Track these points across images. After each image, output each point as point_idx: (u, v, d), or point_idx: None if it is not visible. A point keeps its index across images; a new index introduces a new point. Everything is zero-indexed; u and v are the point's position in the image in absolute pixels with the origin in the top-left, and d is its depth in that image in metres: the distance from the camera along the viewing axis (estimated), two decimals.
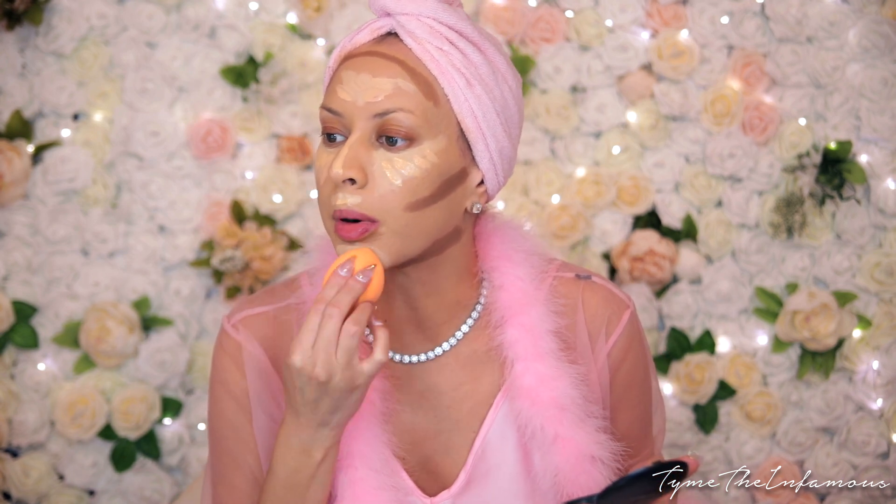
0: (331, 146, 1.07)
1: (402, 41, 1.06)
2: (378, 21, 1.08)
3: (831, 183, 2.08)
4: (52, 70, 2.04)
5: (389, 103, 1.03)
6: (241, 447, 1.14)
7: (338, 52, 1.10)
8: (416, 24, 1.05)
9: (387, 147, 1.04)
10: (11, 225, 2.04)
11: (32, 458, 2.03)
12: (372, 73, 1.04)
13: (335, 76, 1.08)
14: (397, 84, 1.04)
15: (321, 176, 1.07)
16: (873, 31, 2.05)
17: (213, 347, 1.18)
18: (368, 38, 1.08)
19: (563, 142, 2.12)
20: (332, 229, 1.06)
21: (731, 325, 2.12)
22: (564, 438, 1.11)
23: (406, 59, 1.05)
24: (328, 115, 1.07)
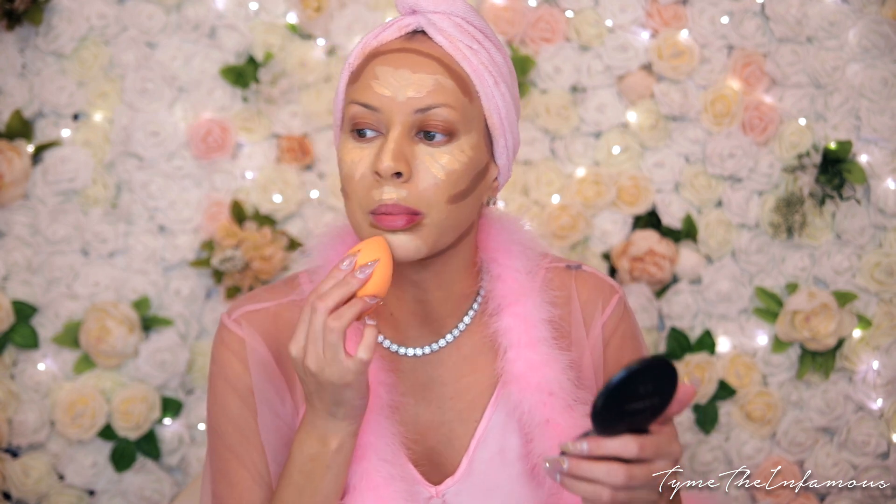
0: (363, 142, 1.07)
1: (431, 39, 1.09)
2: (405, 18, 1.10)
3: (831, 183, 2.08)
4: (52, 70, 2.04)
5: (431, 99, 1.05)
6: (244, 443, 1.14)
7: (360, 49, 1.11)
8: (447, 22, 1.08)
9: (426, 142, 1.06)
10: (11, 225, 2.04)
11: (32, 458, 2.03)
12: (411, 69, 1.06)
13: (366, 72, 1.08)
14: (437, 80, 1.06)
15: (354, 171, 1.07)
16: (873, 31, 2.05)
17: (213, 344, 1.18)
18: (396, 36, 1.10)
19: (563, 142, 2.12)
20: (367, 223, 1.07)
21: (731, 325, 2.12)
22: (553, 423, 1.14)
23: (442, 56, 1.08)
24: (362, 110, 1.07)
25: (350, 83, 1.10)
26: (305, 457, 1.07)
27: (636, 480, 0.95)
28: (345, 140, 1.09)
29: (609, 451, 0.94)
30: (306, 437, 1.07)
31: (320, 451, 1.06)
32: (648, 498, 0.98)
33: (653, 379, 0.94)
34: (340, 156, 1.09)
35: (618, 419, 0.95)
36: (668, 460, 0.97)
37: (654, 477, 0.96)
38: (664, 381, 0.95)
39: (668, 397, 0.96)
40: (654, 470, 0.96)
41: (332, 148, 2.10)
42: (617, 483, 0.94)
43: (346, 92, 1.11)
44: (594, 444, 0.95)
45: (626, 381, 0.92)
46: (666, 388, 0.95)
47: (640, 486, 0.96)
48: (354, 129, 1.08)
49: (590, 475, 0.95)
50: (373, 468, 1.10)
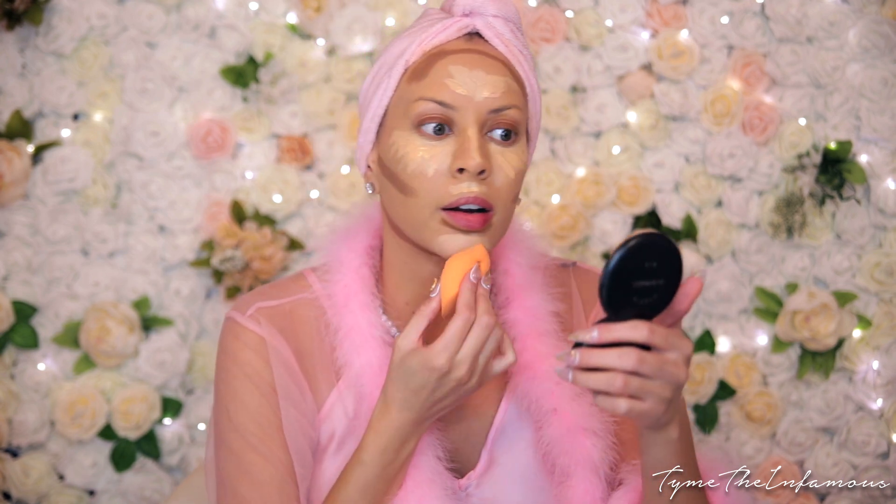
0: (433, 139, 1.08)
1: (488, 42, 1.11)
2: (463, 20, 1.11)
3: (831, 183, 2.08)
4: (52, 70, 2.04)
5: (505, 100, 1.08)
6: (267, 440, 1.12)
7: (418, 47, 1.10)
8: (503, 26, 1.11)
9: (496, 141, 1.09)
10: (11, 225, 2.04)
11: (32, 458, 2.03)
12: (485, 70, 1.08)
13: (436, 70, 1.08)
14: (507, 82, 1.09)
15: (426, 168, 1.07)
16: (873, 31, 2.05)
17: (224, 340, 1.16)
18: (455, 36, 1.11)
19: (563, 142, 2.12)
20: (437, 220, 1.07)
21: (731, 325, 2.12)
22: (560, 411, 1.15)
23: (504, 59, 1.11)
24: (435, 107, 1.07)
25: (413, 80, 1.09)
26: (386, 460, 1.07)
27: (648, 365, 0.95)
28: (409, 136, 1.09)
29: (619, 335, 0.95)
30: (389, 443, 1.07)
31: (400, 454, 1.08)
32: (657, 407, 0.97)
33: (657, 257, 0.94)
34: (404, 152, 1.08)
35: (626, 300, 0.95)
36: (678, 353, 0.97)
37: (664, 369, 0.96)
38: (668, 261, 0.95)
39: (673, 282, 0.96)
40: (666, 361, 0.96)
41: (332, 148, 2.10)
42: (628, 365, 0.94)
43: (407, 89, 1.10)
44: (604, 329, 0.95)
45: (634, 251, 0.93)
46: (670, 270, 0.96)
47: (652, 375, 0.95)
48: (422, 126, 1.08)
49: (601, 362, 0.95)
50: (419, 463, 1.11)
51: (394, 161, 1.09)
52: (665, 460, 1.05)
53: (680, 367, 0.97)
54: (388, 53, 1.14)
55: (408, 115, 1.08)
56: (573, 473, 1.15)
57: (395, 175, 1.09)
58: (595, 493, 1.14)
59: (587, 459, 1.15)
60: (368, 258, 1.18)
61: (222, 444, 1.14)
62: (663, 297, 0.97)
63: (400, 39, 1.13)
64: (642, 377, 0.96)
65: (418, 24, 1.14)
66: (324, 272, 1.19)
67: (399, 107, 1.10)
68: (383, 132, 1.12)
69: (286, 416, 1.13)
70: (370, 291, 1.16)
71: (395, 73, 1.11)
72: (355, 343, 1.14)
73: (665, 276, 0.96)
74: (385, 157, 1.11)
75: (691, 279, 1.00)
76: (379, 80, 1.13)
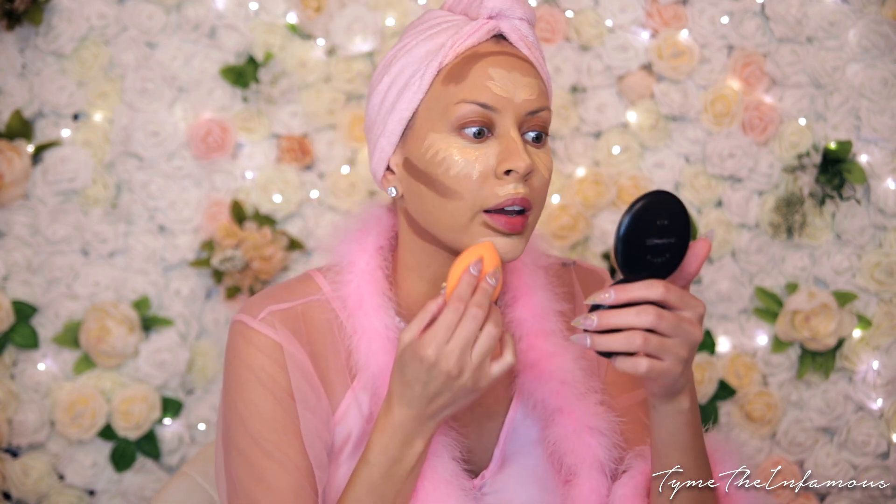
0: (475, 141, 1.08)
1: (513, 45, 1.12)
2: (489, 22, 1.11)
3: (831, 183, 2.08)
4: (52, 70, 2.04)
5: (540, 102, 1.09)
6: (281, 446, 1.11)
7: (451, 50, 1.10)
8: (526, 28, 1.12)
9: (531, 143, 1.10)
10: (11, 225, 2.04)
11: (32, 458, 2.03)
12: (521, 72, 1.09)
13: (476, 72, 1.08)
14: (539, 84, 1.10)
15: (471, 170, 1.07)
16: (873, 31, 2.05)
17: (235, 345, 1.14)
18: (485, 38, 1.11)
19: (563, 142, 2.12)
20: (479, 222, 1.07)
21: (731, 325, 2.12)
22: (565, 411, 1.16)
23: (532, 62, 1.12)
24: (478, 109, 1.07)
25: (450, 82, 1.08)
26: (391, 460, 1.06)
27: (666, 322, 0.96)
28: (449, 139, 1.08)
29: (635, 294, 0.96)
30: (390, 441, 1.06)
31: (406, 453, 1.06)
32: (675, 367, 0.98)
33: (668, 215, 0.96)
34: (445, 154, 1.07)
35: (641, 260, 0.96)
36: (693, 312, 0.98)
37: (681, 327, 0.97)
38: (678, 219, 0.97)
39: (684, 241, 0.98)
40: (682, 318, 0.97)
41: (332, 148, 2.10)
42: (647, 322, 0.96)
43: (443, 91, 1.09)
44: (620, 289, 0.97)
45: (647, 208, 0.95)
46: (680, 228, 0.97)
47: (669, 333, 0.97)
48: (464, 129, 1.07)
49: (619, 322, 0.96)
50: (435, 464, 1.11)
51: (432, 164, 1.08)
52: (678, 432, 1.06)
53: (695, 326, 0.99)
54: (408, 57, 1.11)
55: (446, 118, 1.08)
56: (580, 472, 1.15)
57: (433, 178, 1.08)
58: (601, 491, 1.15)
59: (593, 458, 1.15)
60: (380, 259, 1.17)
61: (235, 450, 1.12)
62: (675, 256, 0.98)
63: (420, 42, 1.12)
64: (660, 336, 0.97)
65: (436, 27, 1.12)
66: (333, 274, 1.18)
67: (434, 109, 1.09)
68: (413, 134, 1.11)
69: (304, 420, 1.12)
70: (383, 293, 1.15)
71: (428, 75, 1.09)
72: (371, 346, 1.14)
73: (676, 235, 0.97)
74: (418, 159, 1.10)
75: (701, 240, 1.01)
76: (404, 82, 1.11)
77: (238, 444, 1.12)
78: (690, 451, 1.07)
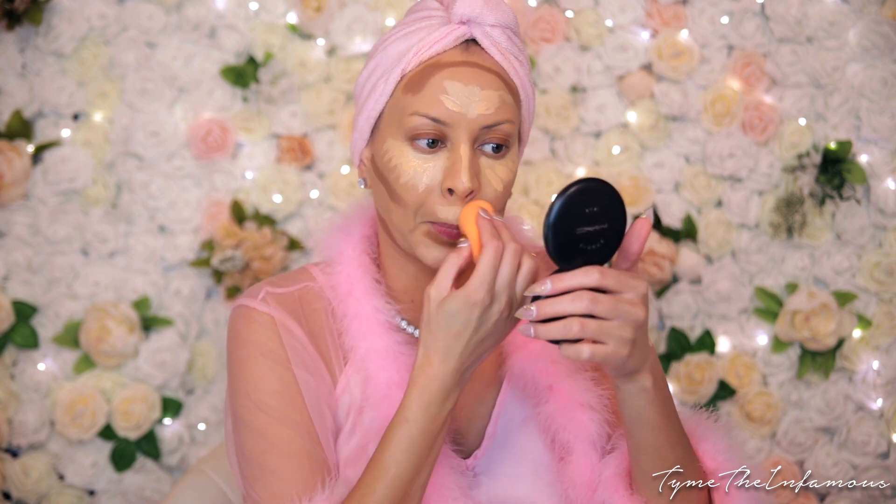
0: (426, 152, 1.08)
1: (484, 50, 1.10)
2: (460, 28, 1.10)
3: (831, 183, 2.08)
4: (52, 70, 2.04)
5: (498, 116, 1.08)
6: (292, 413, 1.12)
7: (415, 56, 1.10)
8: (499, 34, 1.10)
9: (488, 154, 1.09)
10: (11, 225, 2.04)
11: (32, 458, 2.03)
12: (480, 85, 1.08)
13: (432, 84, 1.08)
14: (501, 97, 1.09)
15: (417, 182, 1.08)
16: (873, 31, 2.05)
17: (236, 327, 1.16)
18: (452, 45, 1.10)
19: (563, 142, 2.12)
20: (422, 231, 1.09)
21: (731, 325, 2.12)
22: (556, 388, 1.18)
23: (500, 70, 1.10)
24: (430, 122, 1.07)
25: (408, 91, 1.09)
26: (430, 416, 1.05)
27: (602, 305, 0.97)
28: (402, 148, 1.09)
29: (571, 283, 0.98)
30: (433, 398, 1.05)
31: (442, 408, 1.06)
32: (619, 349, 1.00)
33: (597, 202, 0.97)
34: (397, 162, 1.09)
35: (573, 249, 0.98)
36: (634, 293, 1.00)
37: (620, 308, 0.99)
38: (609, 204, 0.98)
39: (619, 224, 0.99)
40: (620, 300, 0.99)
41: (332, 148, 2.10)
42: (582, 308, 0.97)
43: (402, 99, 1.10)
44: (556, 279, 0.98)
45: (571, 198, 0.96)
46: (614, 212, 0.98)
47: (608, 316, 0.98)
48: (417, 139, 1.08)
49: (556, 310, 0.98)
50: None
51: (387, 168, 1.10)
52: (645, 411, 1.07)
53: (637, 306, 1.00)
54: (384, 54, 1.13)
55: (402, 127, 1.09)
56: (573, 448, 1.17)
57: (387, 181, 1.11)
58: (594, 466, 1.17)
59: (585, 434, 1.17)
60: (367, 246, 1.20)
61: (244, 427, 1.13)
62: (611, 240, 0.99)
63: (396, 40, 1.12)
64: (599, 319, 0.98)
65: (415, 24, 1.13)
66: (325, 265, 1.21)
67: (394, 115, 1.11)
68: (378, 134, 1.13)
69: (306, 385, 1.14)
70: (372, 278, 1.17)
71: (392, 80, 1.11)
72: (361, 328, 1.15)
73: (609, 220, 0.98)
74: (378, 160, 1.12)
75: (639, 220, 1.02)
76: (374, 81, 1.13)
77: (246, 419, 1.13)
78: (661, 430, 1.08)
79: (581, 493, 1.16)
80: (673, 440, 1.10)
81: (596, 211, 0.97)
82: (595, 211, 0.97)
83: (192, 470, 1.49)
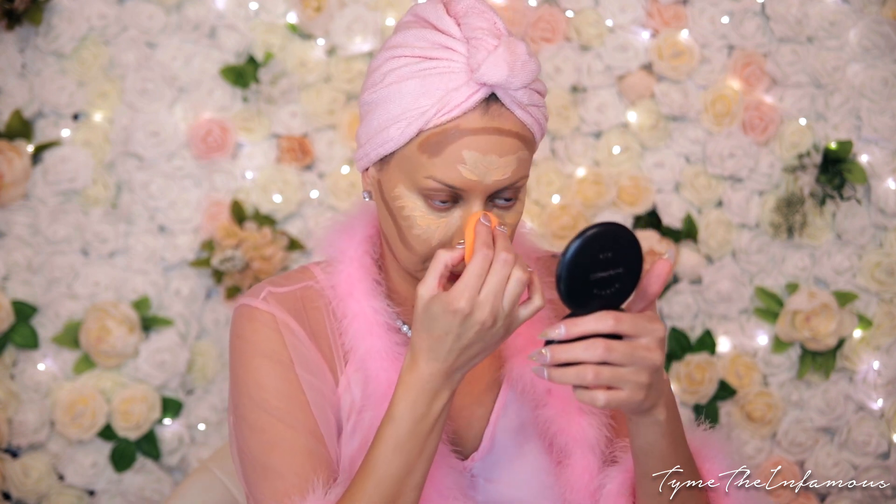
0: (443, 210, 1.08)
1: (505, 107, 1.07)
2: (482, 90, 1.06)
3: (832, 183, 2.08)
4: (52, 70, 2.04)
5: (513, 178, 1.07)
6: (294, 412, 1.12)
7: (435, 118, 1.06)
8: (521, 92, 1.07)
9: (500, 206, 1.09)
10: (11, 225, 2.04)
11: (32, 458, 2.03)
12: (499, 153, 1.06)
13: (450, 152, 1.06)
14: (519, 157, 1.08)
15: (430, 237, 1.08)
16: (873, 31, 2.05)
17: (238, 326, 1.17)
18: (474, 105, 1.06)
19: (564, 142, 2.12)
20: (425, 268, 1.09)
21: (732, 325, 2.12)
22: (554, 392, 1.17)
23: (519, 129, 1.08)
24: (445, 189, 1.06)
25: (424, 152, 1.07)
26: (417, 416, 1.04)
27: (617, 353, 0.96)
28: (416, 201, 1.08)
29: (586, 328, 0.96)
30: (418, 397, 1.04)
31: (432, 408, 1.04)
32: (635, 394, 0.98)
33: (611, 247, 0.95)
34: (410, 213, 1.08)
35: (587, 295, 0.96)
36: (650, 338, 0.98)
37: (636, 355, 0.97)
38: (623, 247, 0.96)
39: (634, 267, 0.97)
40: (636, 347, 0.97)
41: (332, 148, 2.10)
42: (596, 356, 0.95)
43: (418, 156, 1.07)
44: (570, 324, 0.96)
45: (584, 247, 0.94)
46: (629, 256, 0.96)
47: (623, 363, 0.97)
48: (432, 199, 1.07)
49: (571, 356, 0.96)
50: None
51: (399, 214, 1.10)
52: (655, 443, 1.06)
53: (653, 351, 0.98)
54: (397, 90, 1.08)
55: (416, 184, 1.07)
56: (571, 452, 1.17)
57: (397, 222, 1.10)
58: (593, 470, 1.16)
59: (584, 438, 1.17)
60: (369, 247, 1.20)
61: (246, 426, 1.13)
62: (626, 283, 0.98)
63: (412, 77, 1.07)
64: (614, 366, 0.97)
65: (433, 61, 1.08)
66: (327, 264, 1.20)
67: (408, 167, 1.08)
68: (388, 170, 1.11)
69: (308, 384, 1.13)
70: (373, 279, 1.17)
71: (408, 133, 1.07)
72: (361, 329, 1.15)
73: (624, 264, 0.97)
74: (387, 195, 1.11)
75: (660, 261, 1.01)
76: (387, 123, 1.09)
77: (247, 418, 1.13)
78: (670, 459, 1.07)
79: (579, 498, 1.16)
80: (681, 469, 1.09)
81: (610, 256, 0.96)
82: (609, 256, 0.96)
83: (198, 469, 1.50)
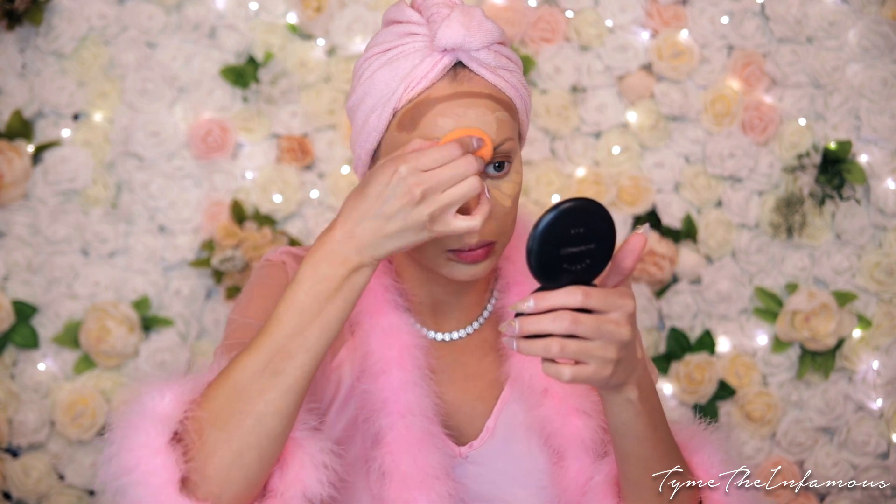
0: None
1: (473, 72, 1.09)
2: (445, 57, 1.08)
3: (831, 183, 2.08)
4: (52, 70, 2.04)
5: (497, 138, 1.08)
6: None
7: (405, 92, 1.08)
8: (486, 54, 1.08)
9: (493, 175, 1.09)
10: (11, 225, 2.04)
11: (32, 458, 2.03)
12: (477, 113, 1.07)
13: (425, 123, 1.07)
14: (497, 118, 1.08)
15: None
16: (873, 31, 2.05)
17: (252, 275, 1.21)
18: (441, 75, 1.08)
19: (563, 142, 2.12)
20: (444, 258, 1.10)
21: (731, 325, 2.12)
22: (551, 392, 1.18)
23: (491, 90, 1.09)
24: None
25: (402, 130, 1.08)
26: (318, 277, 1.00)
27: (584, 326, 0.95)
28: None
29: (555, 302, 0.96)
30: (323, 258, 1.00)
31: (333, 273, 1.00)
32: (601, 369, 0.98)
33: (582, 223, 0.95)
34: None
35: (558, 269, 0.96)
36: (619, 312, 0.98)
37: (603, 329, 0.96)
38: (596, 224, 0.96)
39: (607, 243, 0.97)
40: (604, 321, 0.97)
41: (332, 148, 2.10)
42: (562, 328, 0.95)
43: (398, 137, 1.09)
44: (540, 297, 0.96)
45: (554, 223, 0.94)
46: (602, 232, 0.96)
47: (590, 336, 0.96)
48: None
49: (538, 328, 0.96)
50: (413, 423, 1.12)
51: None
52: (630, 423, 1.06)
53: (622, 326, 0.98)
54: (370, 83, 1.10)
55: None
56: (566, 454, 1.17)
57: None
58: (588, 472, 1.17)
59: (579, 439, 1.17)
60: None
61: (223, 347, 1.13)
62: (598, 259, 0.98)
63: (381, 67, 1.10)
64: (581, 340, 0.96)
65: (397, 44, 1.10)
66: None
67: (391, 150, 1.10)
68: None
69: None
70: (386, 259, 1.19)
71: (384, 117, 1.10)
72: (368, 304, 1.16)
73: (596, 240, 0.97)
74: None
75: (634, 235, 1.01)
76: (366, 115, 1.11)
77: (226, 332, 1.16)
78: (647, 442, 1.07)
79: (573, 499, 1.17)
80: (660, 452, 1.09)
81: (582, 232, 0.95)
82: (581, 232, 0.95)
83: None
